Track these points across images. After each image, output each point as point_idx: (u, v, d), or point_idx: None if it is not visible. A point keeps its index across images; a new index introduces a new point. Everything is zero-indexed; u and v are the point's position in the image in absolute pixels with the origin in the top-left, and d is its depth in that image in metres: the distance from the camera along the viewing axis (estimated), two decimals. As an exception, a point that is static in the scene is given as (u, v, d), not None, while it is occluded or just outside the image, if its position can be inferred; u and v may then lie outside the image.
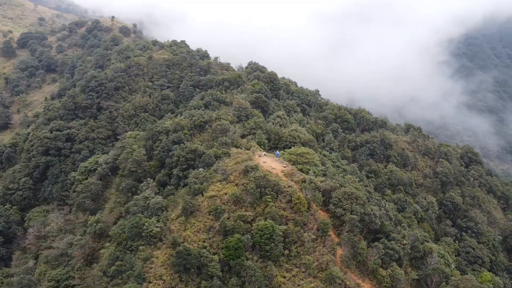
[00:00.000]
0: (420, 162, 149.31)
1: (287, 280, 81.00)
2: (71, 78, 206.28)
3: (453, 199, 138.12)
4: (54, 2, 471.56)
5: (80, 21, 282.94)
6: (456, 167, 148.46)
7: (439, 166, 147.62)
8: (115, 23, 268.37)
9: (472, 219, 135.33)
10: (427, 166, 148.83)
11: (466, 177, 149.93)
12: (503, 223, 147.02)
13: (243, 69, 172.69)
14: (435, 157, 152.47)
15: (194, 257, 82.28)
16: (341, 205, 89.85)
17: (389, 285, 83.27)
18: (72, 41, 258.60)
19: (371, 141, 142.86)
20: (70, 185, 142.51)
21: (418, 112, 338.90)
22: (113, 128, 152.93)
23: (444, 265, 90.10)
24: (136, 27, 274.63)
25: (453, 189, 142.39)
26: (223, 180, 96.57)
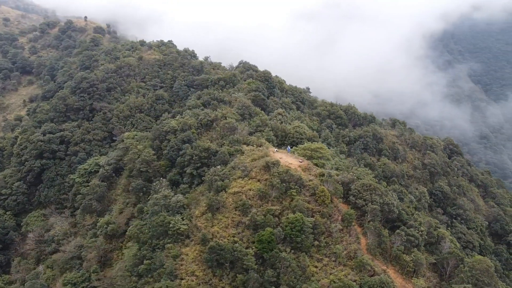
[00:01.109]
0: (409, 154, 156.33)
1: (319, 270, 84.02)
2: (51, 80, 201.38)
3: (442, 189, 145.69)
4: (13, 1, 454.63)
5: (51, 22, 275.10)
6: (442, 158, 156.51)
7: (426, 158, 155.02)
8: (89, 24, 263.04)
9: (461, 207, 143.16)
10: (416, 158, 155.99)
11: (451, 167, 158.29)
12: (485, 210, 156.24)
13: (233, 68, 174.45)
14: (421, 150, 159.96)
15: (228, 251, 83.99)
16: (361, 196, 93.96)
17: (412, 269, 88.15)
18: (45, 42, 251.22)
19: (364, 135, 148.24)
20: (68, 188, 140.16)
21: (400, 105, 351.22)
22: (108, 129, 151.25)
23: (455, 249, 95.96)
24: (110, 27, 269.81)
25: (441, 179, 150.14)
26: (244, 177, 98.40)
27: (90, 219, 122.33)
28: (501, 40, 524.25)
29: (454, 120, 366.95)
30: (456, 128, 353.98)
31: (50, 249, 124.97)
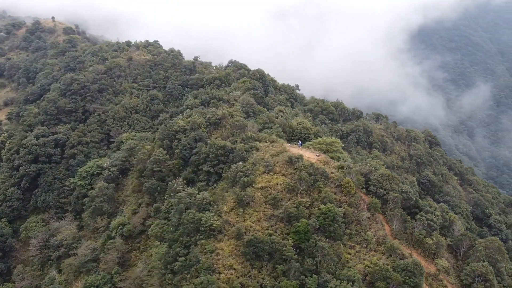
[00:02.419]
0: (396, 147, 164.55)
1: (353, 256, 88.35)
2: (27, 82, 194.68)
3: (429, 177, 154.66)
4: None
5: (16, 22, 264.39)
6: (425, 149, 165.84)
7: (411, 149, 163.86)
8: (57, 24, 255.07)
9: (447, 194, 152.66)
10: (402, 150, 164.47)
11: (434, 157, 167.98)
12: (465, 196, 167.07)
13: (222, 68, 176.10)
14: (406, 142, 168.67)
15: (266, 244, 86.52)
16: (381, 186, 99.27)
17: (433, 252, 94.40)
18: (13, 44, 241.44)
19: (356, 130, 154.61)
20: (69, 192, 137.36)
21: (380, 96, 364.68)
22: (104, 131, 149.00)
23: (467, 231, 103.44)
24: (78, 28, 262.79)
25: (426, 169, 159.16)
26: (268, 172, 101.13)
27: (101, 221, 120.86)
28: (474, 33, 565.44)
29: (428, 110, 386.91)
30: (431, 117, 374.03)
31: (58, 253, 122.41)
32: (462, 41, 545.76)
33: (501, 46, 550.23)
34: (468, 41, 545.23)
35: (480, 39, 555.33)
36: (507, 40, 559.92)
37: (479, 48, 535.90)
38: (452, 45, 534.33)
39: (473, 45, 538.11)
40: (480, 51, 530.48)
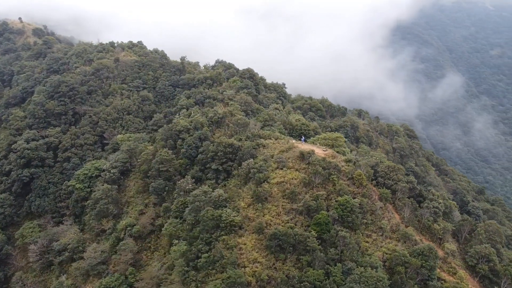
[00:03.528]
0: (380, 141, 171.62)
1: (370, 244, 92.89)
2: (2, 85, 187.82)
3: (413, 169, 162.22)
4: None
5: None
6: (407, 142, 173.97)
7: (394, 143, 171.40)
8: (26, 25, 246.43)
9: (430, 184, 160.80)
10: (386, 144, 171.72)
11: (414, 150, 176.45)
12: (444, 185, 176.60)
13: (209, 67, 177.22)
14: (388, 136, 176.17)
15: (290, 236, 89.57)
16: (388, 177, 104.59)
17: (440, 237, 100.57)
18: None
19: (343, 125, 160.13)
20: (66, 195, 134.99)
21: (358, 91, 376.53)
22: (97, 133, 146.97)
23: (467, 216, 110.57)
24: (47, 29, 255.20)
25: (409, 161, 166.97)
26: (281, 167, 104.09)
27: (107, 223, 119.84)
28: (446, 27, 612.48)
29: (404, 102, 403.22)
30: (406, 109, 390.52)
31: (62, 258, 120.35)
32: (435, 34, 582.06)
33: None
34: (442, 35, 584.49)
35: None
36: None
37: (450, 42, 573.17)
38: (427, 39, 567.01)
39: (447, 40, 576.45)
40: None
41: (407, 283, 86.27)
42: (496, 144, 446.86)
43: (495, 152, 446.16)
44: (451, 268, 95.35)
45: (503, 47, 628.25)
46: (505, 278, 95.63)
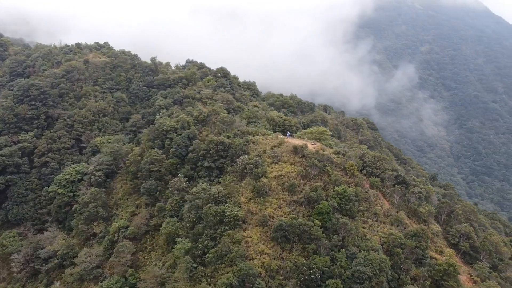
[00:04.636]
0: (347, 134, 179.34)
1: (368, 230, 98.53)
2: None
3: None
4: None
5: None
6: (371, 134, 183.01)
7: (360, 135, 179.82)
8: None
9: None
10: (353, 137, 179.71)
11: (378, 141, 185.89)
12: (405, 173, 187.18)
13: (180, 67, 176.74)
14: (354, 129, 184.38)
15: (295, 227, 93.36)
16: (376, 166, 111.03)
17: (425, 219, 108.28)
18: None
19: (315, 120, 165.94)
20: (47, 201, 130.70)
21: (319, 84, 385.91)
22: (73, 136, 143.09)
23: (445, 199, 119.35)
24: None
25: (375, 152, 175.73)
26: (277, 162, 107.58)
27: (98, 227, 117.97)
28: (401, 22, 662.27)
29: (363, 94, 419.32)
30: (364, 99, 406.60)
31: (51, 265, 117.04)
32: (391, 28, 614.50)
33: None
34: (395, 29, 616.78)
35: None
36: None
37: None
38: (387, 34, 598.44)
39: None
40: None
41: (405, 262, 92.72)
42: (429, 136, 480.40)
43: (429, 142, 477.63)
44: (438, 247, 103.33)
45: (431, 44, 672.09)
46: (483, 253, 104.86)
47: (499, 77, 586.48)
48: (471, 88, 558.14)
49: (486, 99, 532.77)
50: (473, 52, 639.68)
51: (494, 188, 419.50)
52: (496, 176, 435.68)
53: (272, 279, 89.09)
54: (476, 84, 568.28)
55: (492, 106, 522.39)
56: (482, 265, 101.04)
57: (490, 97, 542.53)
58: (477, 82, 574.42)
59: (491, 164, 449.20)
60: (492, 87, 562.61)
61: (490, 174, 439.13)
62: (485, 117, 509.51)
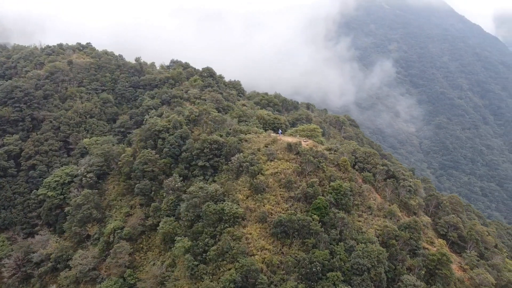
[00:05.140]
0: (331, 131, 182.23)
1: (363, 223, 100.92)
2: None
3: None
4: None
5: None
6: (354, 131, 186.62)
7: (343, 132, 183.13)
8: None
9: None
10: (336, 134, 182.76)
11: (360, 138, 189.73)
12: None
13: (165, 67, 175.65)
14: (336, 126, 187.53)
15: (294, 222, 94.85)
16: (367, 162, 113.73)
17: (415, 211, 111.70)
18: None
19: (300, 118, 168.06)
20: (36, 205, 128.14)
21: (299, 81, 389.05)
22: (60, 138, 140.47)
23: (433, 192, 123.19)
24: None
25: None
26: (272, 159, 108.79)
27: (92, 229, 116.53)
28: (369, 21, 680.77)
29: (342, 90, 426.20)
30: (343, 95, 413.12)
31: (45, 269, 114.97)
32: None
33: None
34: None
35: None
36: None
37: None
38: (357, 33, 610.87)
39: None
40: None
41: (400, 253, 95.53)
42: (399, 132, 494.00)
43: (399, 138, 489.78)
44: (429, 238, 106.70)
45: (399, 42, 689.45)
46: (470, 242, 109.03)
47: (464, 74, 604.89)
48: (438, 85, 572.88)
49: (452, 96, 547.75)
50: (439, 50, 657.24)
51: (461, 181, 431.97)
52: (463, 170, 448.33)
53: (274, 274, 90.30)
54: (442, 81, 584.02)
55: (458, 103, 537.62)
56: (470, 253, 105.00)
57: (455, 93, 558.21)
58: (443, 79, 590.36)
59: (458, 159, 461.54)
60: (458, 84, 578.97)
61: (458, 168, 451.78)
62: (452, 113, 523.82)
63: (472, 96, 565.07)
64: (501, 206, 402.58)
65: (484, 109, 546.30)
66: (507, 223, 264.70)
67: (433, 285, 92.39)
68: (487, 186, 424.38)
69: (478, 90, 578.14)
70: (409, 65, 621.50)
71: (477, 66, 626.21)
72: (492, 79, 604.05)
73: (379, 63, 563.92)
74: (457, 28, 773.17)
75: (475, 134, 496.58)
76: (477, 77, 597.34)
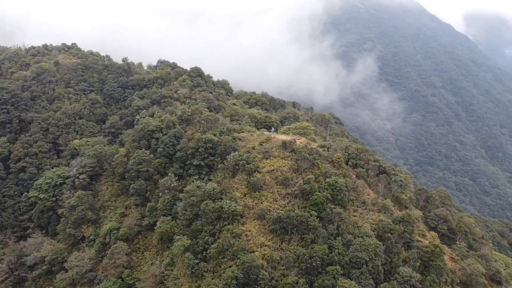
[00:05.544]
0: (318, 129, 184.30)
1: (358, 218, 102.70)
2: None
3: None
4: None
5: None
6: (339, 129, 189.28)
7: (329, 130, 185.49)
8: None
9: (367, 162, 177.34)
10: (323, 131, 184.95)
11: (345, 134, 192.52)
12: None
13: (152, 67, 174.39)
14: (322, 124, 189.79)
15: (293, 218, 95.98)
16: (359, 158, 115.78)
17: (407, 205, 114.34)
18: None
19: (287, 117, 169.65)
20: (27, 207, 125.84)
21: (285, 78, 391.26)
22: (49, 139, 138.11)
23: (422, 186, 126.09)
24: None
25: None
26: (267, 157, 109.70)
27: (87, 230, 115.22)
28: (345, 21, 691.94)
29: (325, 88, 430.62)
30: (322, 93, 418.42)
31: (39, 272, 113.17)
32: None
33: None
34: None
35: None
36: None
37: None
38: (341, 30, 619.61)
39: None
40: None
41: (395, 246, 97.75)
42: (376, 130, 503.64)
43: (376, 136, 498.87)
44: (420, 231, 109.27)
45: (374, 41, 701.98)
46: (460, 234, 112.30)
47: (437, 72, 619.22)
48: (412, 83, 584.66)
49: (426, 93, 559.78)
50: (413, 49, 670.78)
51: (436, 176, 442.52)
52: (438, 166, 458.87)
53: (274, 270, 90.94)
54: (416, 79, 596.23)
55: (431, 100, 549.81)
56: (460, 245, 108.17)
57: (429, 91, 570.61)
58: (417, 77, 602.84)
59: (433, 155, 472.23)
60: (431, 81, 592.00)
61: (433, 164, 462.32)
62: (426, 110, 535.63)
63: (445, 94, 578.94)
64: (474, 200, 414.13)
65: (457, 106, 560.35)
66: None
67: (428, 276, 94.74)
68: (461, 181, 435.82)
69: (451, 88, 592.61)
70: (385, 63, 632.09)
71: (449, 64, 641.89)
72: (464, 77, 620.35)
73: (358, 62, 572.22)
74: (429, 27, 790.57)
75: (448, 131, 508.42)
76: (449, 75, 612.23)
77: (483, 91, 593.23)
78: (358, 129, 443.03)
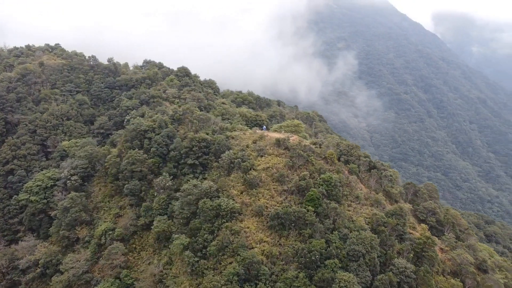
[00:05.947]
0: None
1: (353, 212, 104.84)
2: None
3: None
4: None
5: None
6: (324, 126, 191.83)
7: (314, 128, 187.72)
8: None
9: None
10: (308, 129, 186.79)
11: (330, 131, 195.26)
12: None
13: (139, 67, 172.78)
14: (307, 122, 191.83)
15: (291, 214, 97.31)
16: (350, 154, 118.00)
17: (397, 199, 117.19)
18: None
19: (274, 115, 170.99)
20: (17, 210, 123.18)
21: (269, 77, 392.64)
22: (37, 141, 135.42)
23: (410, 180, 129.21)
24: None
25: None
26: (262, 155, 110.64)
27: (82, 232, 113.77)
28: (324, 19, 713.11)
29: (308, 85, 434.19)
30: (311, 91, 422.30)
31: (33, 275, 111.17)
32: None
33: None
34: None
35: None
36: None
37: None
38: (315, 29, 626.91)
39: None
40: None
41: (389, 239, 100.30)
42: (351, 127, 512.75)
43: (352, 133, 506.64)
44: (411, 224, 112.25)
45: (347, 40, 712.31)
46: (447, 226, 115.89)
47: (408, 70, 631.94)
48: (385, 81, 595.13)
49: (398, 91, 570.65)
50: (385, 47, 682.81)
51: (410, 172, 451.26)
52: (412, 162, 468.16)
53: (274, 265, 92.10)
54: (389, 77, 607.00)
55: (404, 97, 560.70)
56: (448, 236, 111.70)
57: (402, 89, 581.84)
58: (390, 75, 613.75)
59: (406, 151, 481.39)
60: (403, 79, 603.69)
61: (407, 160, 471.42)
62: (399, 108, 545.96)
63: (417, 91, 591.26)
64: (447, 195, 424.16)
65: (428, 103, 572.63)
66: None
67: (421, 267, 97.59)
68: (434, 176, 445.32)
69: (422, 85, 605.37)
70: (360, 62, 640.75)
71: (420, 62, 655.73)
72: (434, 74, 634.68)
73: (337, 60, 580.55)
74: (400, 26, 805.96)
75: (421, 127, 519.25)
76: (421, 73, 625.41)
77: (453, 88, 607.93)
78: (334, 127, 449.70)
